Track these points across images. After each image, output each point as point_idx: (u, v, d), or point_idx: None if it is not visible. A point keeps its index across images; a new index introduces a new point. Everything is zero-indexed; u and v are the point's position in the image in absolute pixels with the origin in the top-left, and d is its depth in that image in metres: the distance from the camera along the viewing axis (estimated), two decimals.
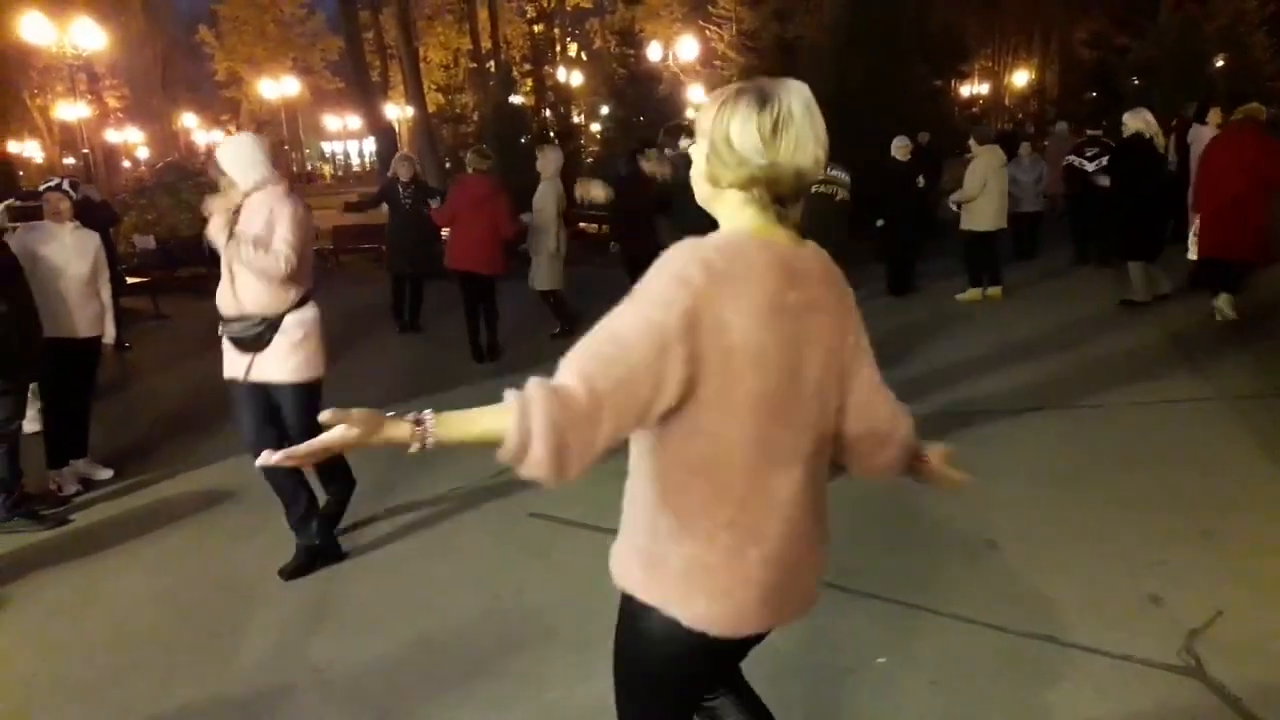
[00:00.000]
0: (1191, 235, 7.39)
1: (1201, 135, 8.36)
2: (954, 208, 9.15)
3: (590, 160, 17.60)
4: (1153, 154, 7.84)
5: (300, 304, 3.86)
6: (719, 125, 1.53)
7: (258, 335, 3.77)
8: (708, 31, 23.83)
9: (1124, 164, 7.97)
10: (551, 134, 17.93)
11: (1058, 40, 32.34)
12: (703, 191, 1.62)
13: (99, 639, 3.58)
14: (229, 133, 50.73)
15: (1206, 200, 7.10)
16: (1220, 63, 19.50)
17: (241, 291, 3.75)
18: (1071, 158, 9.99)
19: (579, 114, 24.33)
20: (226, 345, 3.86)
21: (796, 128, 1.51)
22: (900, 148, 9.59)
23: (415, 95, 21.09)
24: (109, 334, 5.35)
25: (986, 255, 9.09)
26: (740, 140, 1.51)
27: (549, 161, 8.17)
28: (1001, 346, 7.12)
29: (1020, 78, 38.18)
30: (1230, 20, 21.66)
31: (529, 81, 22.54)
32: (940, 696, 2.82)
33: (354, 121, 42.82)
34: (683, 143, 4.72)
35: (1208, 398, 5.36)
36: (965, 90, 34.47)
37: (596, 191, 5.47)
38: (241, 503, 4.88)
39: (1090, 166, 9.44)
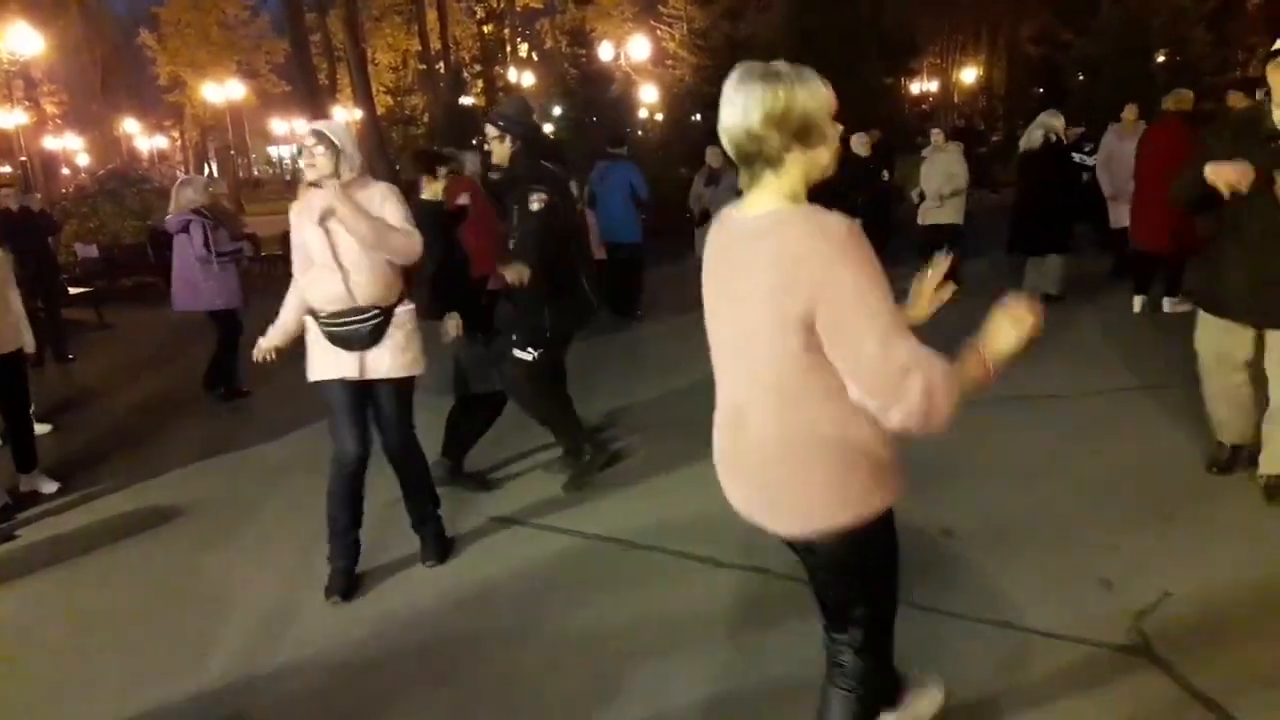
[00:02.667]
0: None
1: (1114, 131, 8.57)
2: (937, 203, 9.22)
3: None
4: (1066, 153, 8.25)
5: (402, 298, 3.78)
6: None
7: (375, 329, 3.62)
8: (659, 31, 23.90)
9: (1042, 164, 8.16)
10: None
11: (1004, 37, 32.88)
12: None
13: (56, 652, 3.51)
14: (173, 139, 49.98)
15: (1141, 193, 7.27)
16: (1161, 58, 19.94)
17: (355, 283, 3.55)
18: (1079, 155, 10.11)
19: (533, 114, 24.13)
20: (322, 345, 3.64)
21: None
22: (861, 143, 9.71)
23: (364, 98, 20.87)
24: (28, 344, 5.22)
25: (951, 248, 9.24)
26: None
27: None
28: (960, 340, 7.22)
29: (969, 75, 38.76)
30: (1170, 16, 22.17)
31: (479, 82, 22.43)
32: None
33: (301, 125, 42.24)
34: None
35: (1162, 385, 5.48)
36: (915, 87, 34.96)
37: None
38: (196, 515, 4.80)
39: (1090, 160, 9.60)
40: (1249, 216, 3.61)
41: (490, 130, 4.43)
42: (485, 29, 22.19)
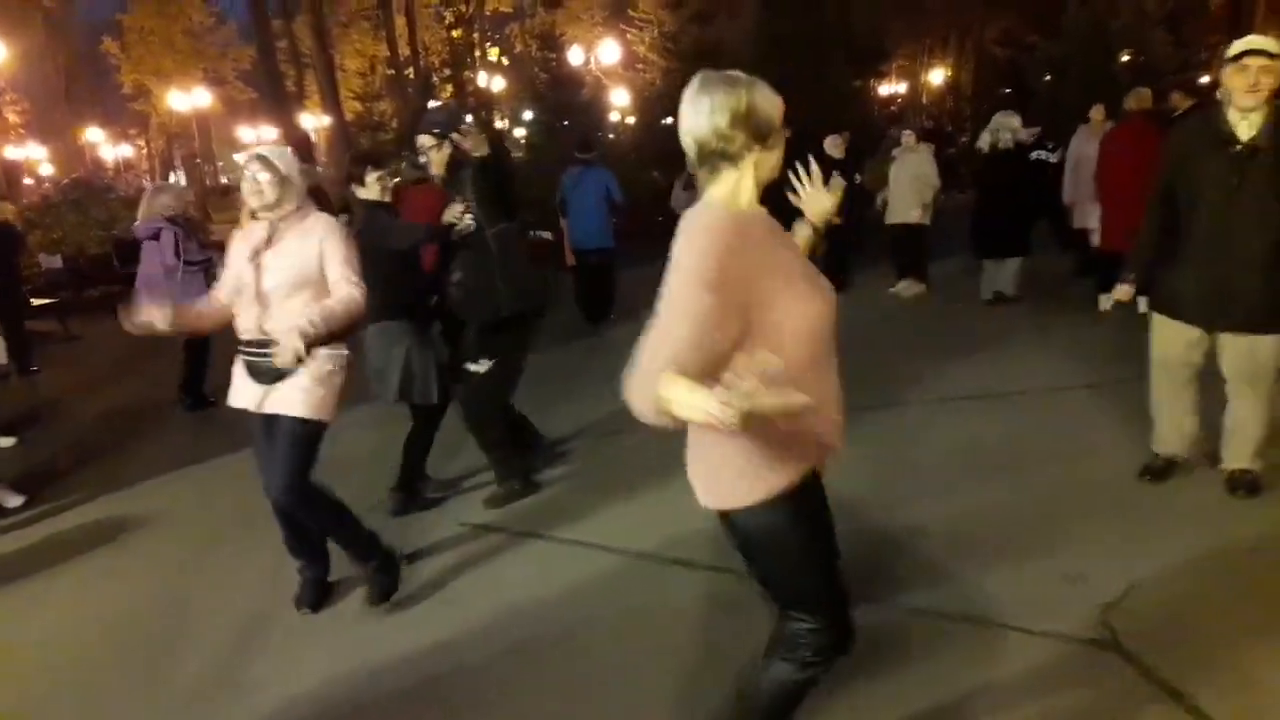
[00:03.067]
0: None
1: (1082, 133, 8.69)
2: (911, 205, 9.28)
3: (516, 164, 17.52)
4: (1026, 155, 8.40)
5: (337, 337, 3.52)
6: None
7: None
8: (629, 35, 23.92)
9: (1002, 166, 8.25)
10: None
11: (972, 40, 33.20)
12: None
13: (23, 666, 3.46)
14: (138, 147, 49.36)
15: (1106, 193, 7.37)
16: (1125, 58, 20.23)
17: (276, 318, 3.35)
18: (1037, 152, 10.22)
19: (503, 118, 24.24)
20: (238, 371, 3.51)
21: None
22: (835, 144, 9.78)
23: (332, 104, 20.76)
24: None
25: (915, 249, 9.36)
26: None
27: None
28: (927, 338, 7.30)
29: (937, 76, 39.08)
30: (1132, 19, 22.50)
31: (449, 87, 22.36)
32: (870, 681, 2.86)
33: (269, 132, 41.89)
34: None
35: (1125, 380, 5.54)
36: (884, 89, 35.18)
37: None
38: (163, 527, 4.75)
39: (1053, 158, 9.70)
40: (1202, 221, 3.66)
41: (425, 140, 4.39)
42: (454, 34, 22.10)
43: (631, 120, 23.60)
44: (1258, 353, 3.73)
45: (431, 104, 16.63)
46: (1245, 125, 3.55)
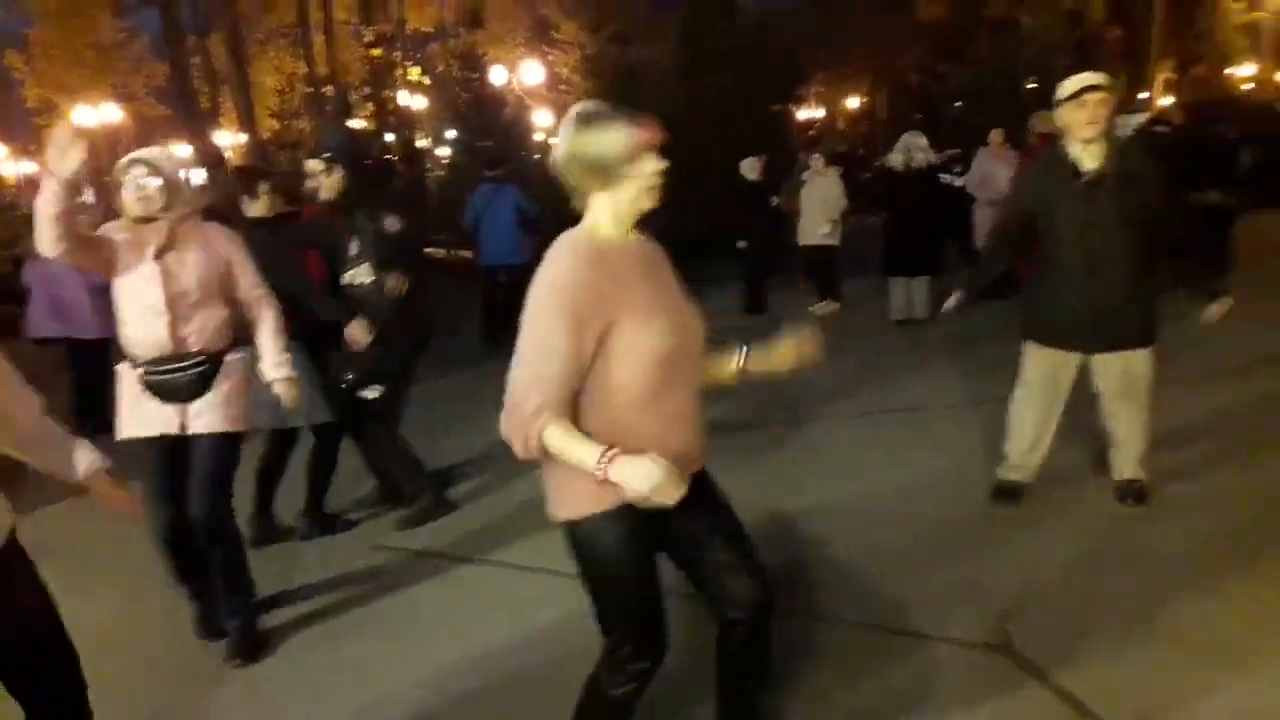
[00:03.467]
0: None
1: (984, 154, 9.03)
2: (820, 226, 9.46)
3: (438, 183, 17.42)
4: (934, 175, 8.74)
5: (234, 344, 3.42)
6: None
7: (200, 377, 3.28)
8: (551, 56, 23.98)
9: (910, 187, 8.51)
10: (395, 159, 17.62)
11: (887, 68, 34.16)
12: None
13: None
14: (43, 163, 47.64)
15: None
16: (1032, 85, 21.07)
17: (185, 329, 3.24)
18: (945, 175, 10.52)
19: (426, 138, 24.03)
20: (136, 397, 3.29)
21: None
22: (751, 167, 9.95)
23: (247, 121, 20.35)
24: None
25: (828, 270, 9.58)
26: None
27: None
28: (837, 356, 7.44)
29: (854, 102, 40.05)
30: (1038, 49, 23.49)
31: (369, 105, 22.12)
32: (776, 691, 2.90)
33: (183, 150, 40.75)
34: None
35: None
36: (803, 114, 35.92)
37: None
38: (61, 556, 4.54)
39: (958, 181, 9.99)
40: (1066, 250, 3.83)
41: (314, 165, 4.32)
42: (374, 52, 21.86)
43: (555, 141, 23.52)
44: (1133, 369, 3.91)
45: (351, 123, 16.40)
46: (1088, 156, 3.75)
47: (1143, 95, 27.97)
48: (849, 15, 28.62)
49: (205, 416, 3.32)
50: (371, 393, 4.38)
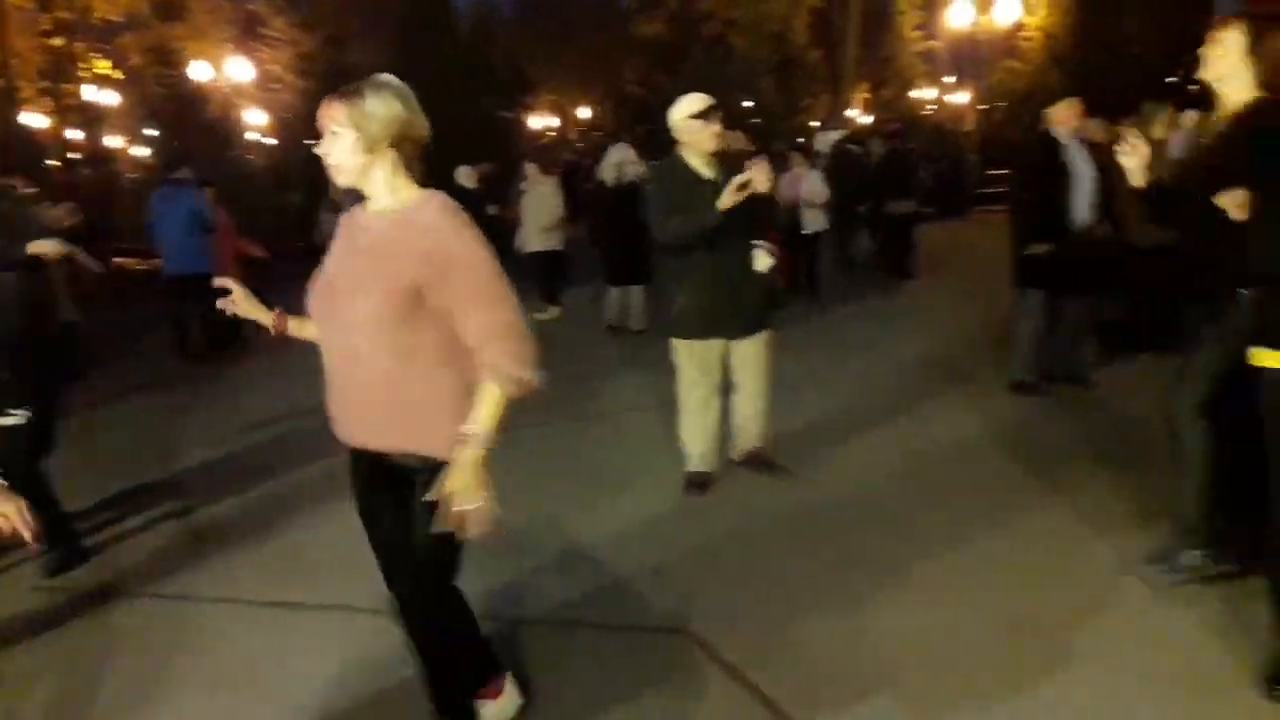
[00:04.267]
0: None
1: None
2: (538, 234, 9.50)
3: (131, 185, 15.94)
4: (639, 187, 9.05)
5: None
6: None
7: None
8: (262, 54, 22.56)
9: (618, 198, 8.84)
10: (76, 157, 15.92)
11: (611, 78, 35.21)
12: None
13: None
14: None
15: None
16: (749, 103, 22.59)
17: None
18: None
19: (125, 138, 21.89)
20: None
21: None
22: (467, 175, 9.86)
23: None
24: None
25: (551, 276, 9.71)
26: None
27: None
28: (551, 361, 7.56)
29: (586, 111, 41.00)
30: (744, 67, 25.16)
31: (49, 100, 19.74)
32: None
33: None
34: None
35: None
36: (536, 122, 36.26)
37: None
38: None
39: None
40: (699, 251, 4.22)
41: None
42: (53, 41, 19.52)
43: (272, 141, 22.33)
44: (762, 348, 4.46)
45: (24, 118, 14.61)
46: (708, 168, 4.25)
47: (849, 113, 30.68)
48: (571, 28, 29.26)
49: None
50: (15, 418, 3.88)
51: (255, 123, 21.91)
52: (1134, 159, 2.97)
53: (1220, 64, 2.95)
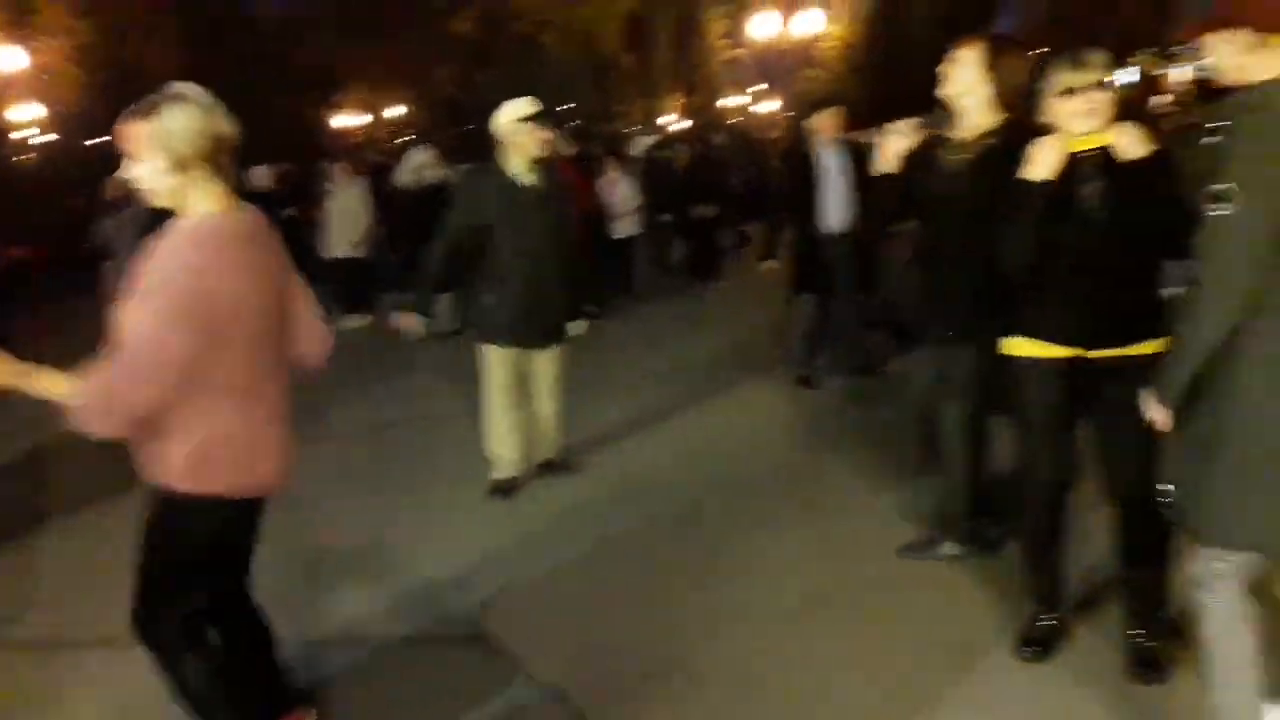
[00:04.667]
0: None
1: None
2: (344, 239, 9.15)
3: None
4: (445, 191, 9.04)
5: None
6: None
7: None
8: (35, 44, 20.65)
9: (429, 200, 8.77)
10: None
11: (425, 77, 34.39)
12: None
13: None
14: None
15: None
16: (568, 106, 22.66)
17: None
18: None
19: None
20: None
21: None
22: (264, 175, 9.43)
23: None
24: None
25: (357, 282, 9.44)
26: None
27: None
28: (360, 372, 7.39)
29: (400, 111, 39.83)
30: (560, 70, 25.31)
31: None
32: None
33: None
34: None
35: None
36: (344, 121, 34.92)
37: None
38: None
39: None
40: (506, 254, 4.26)
41: None
42: None
43: (52, 137, 20.52)
44: (560, 358, 4.55)
45: None
46: (530, 173, 4.28)
47: (663, 119, 31.23)
48: (381, 26, 28.44)
49: None
50: None
51: (28, 118, 20.10)
52: (888, 144, 3.08)
53: (959, 82, 3.22)
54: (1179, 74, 19.21)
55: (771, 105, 26.45)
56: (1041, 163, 2.67)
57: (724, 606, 3.37)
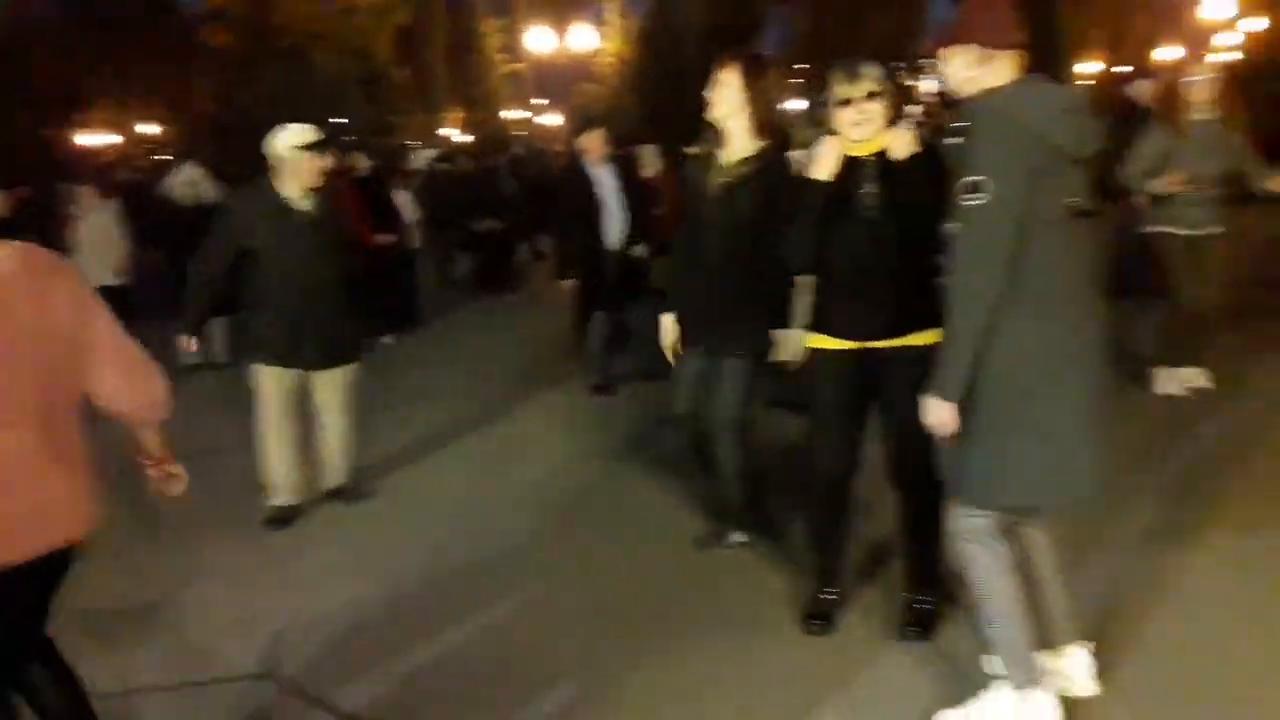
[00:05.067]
0: None
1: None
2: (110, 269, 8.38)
3: None
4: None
5: None
6: None
7: None
8: None
9: (204, 217, 8.29)
10: None
11: (183, 93, 32.11)
12: None
13: None
14: None
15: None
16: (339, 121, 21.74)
17: None
18: None
19: None
20: None
21: None
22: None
23: None
24: None
25: (122, 310, 8.66)
26: None
27: None
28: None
29: (154, 129, 37.01)
30: (330, 83, 24.32)
31: None
32: None
33: None
34: None
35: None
36: (91, 140, 32.05)
37: None
38: None
39: None
40: (275, 277, 4.15)
41: None
42: None
43: None
44: (343, 380, 4.38)
45: None
46: (304, 199, 4.17)
47: (442, 132, 30.71)
48: (127, 37, 26.35)
49: None
50: None
51: None
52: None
53: (724, 104, 3.40)
54: (926, 85, 21.16)
55: (555, 119, 26.68)
56: (822, 164, 2.86)
57: (520, 621, 3.37)
